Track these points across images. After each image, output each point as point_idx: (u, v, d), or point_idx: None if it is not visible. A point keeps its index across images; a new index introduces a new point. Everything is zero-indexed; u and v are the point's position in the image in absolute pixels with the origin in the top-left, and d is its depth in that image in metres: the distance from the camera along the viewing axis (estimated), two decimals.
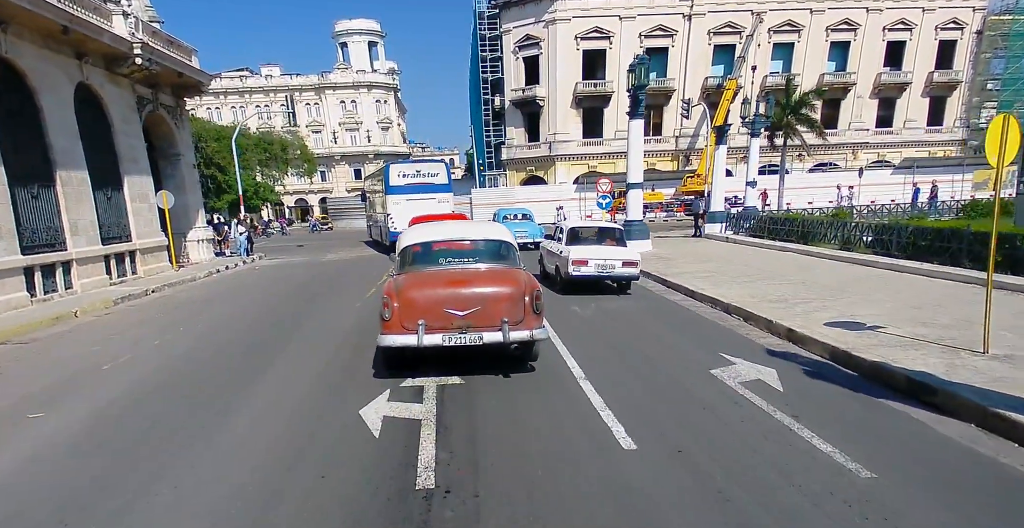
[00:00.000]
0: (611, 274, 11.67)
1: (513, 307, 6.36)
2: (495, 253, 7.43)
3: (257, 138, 62.62)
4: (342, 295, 13.11)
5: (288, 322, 10.35)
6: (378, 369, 6.98)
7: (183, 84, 21.27)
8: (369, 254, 24.24)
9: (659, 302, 11.17)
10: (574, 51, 48.28)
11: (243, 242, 23.79)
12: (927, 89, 53.56)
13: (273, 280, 17.07)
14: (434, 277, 6.80)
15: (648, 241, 18.50)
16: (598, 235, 12.85)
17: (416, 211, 21.21)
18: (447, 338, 6.21)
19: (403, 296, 6.40)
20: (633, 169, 18.05)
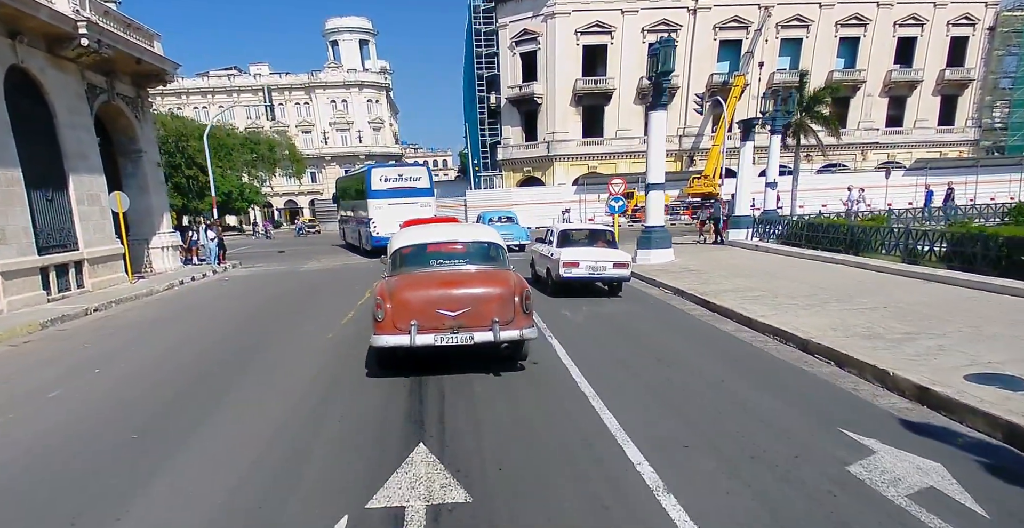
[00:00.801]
0: (602, 276, 11.69)
1: (503, 307, 6.45)
2: (485, 255, 7.52)
3: (243, 137, 60.33)
4: (313, 319, 10.80)
5: (232, 365, 8.01)
6: (333, 481, 4.59)
7: (143, 72, 18.90)
8: (353, 262, 21.93)
9: (694, 325, 8.97)
10: (574, 46, 46.17)
11: (213, 249, 21.42)
12: (938, 87, 51.76)
13: (238, 296, 14.73)
14: (426, 278, 6.89)
15: (670, 250, 16.30)
16: (589, 237, 12.79)
17: (398, 215, 20.91)
18: (439, 338, 6.30)
19: (396, 297, 6.46)
20: (654, 168, 15.84)
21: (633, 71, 46.44)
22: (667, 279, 13.01)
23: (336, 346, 8.56)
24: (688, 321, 9.66)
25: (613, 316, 10.17)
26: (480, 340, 6.35)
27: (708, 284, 12.09)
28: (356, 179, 26.89)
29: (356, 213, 26.30)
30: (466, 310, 6.37)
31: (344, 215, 30.89)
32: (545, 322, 9.46)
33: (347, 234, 30.18)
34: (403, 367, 6.90)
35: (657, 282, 12.97)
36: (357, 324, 9.78)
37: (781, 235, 17.78)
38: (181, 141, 47.30)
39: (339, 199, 31.91)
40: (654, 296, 12.09)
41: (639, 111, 48.01)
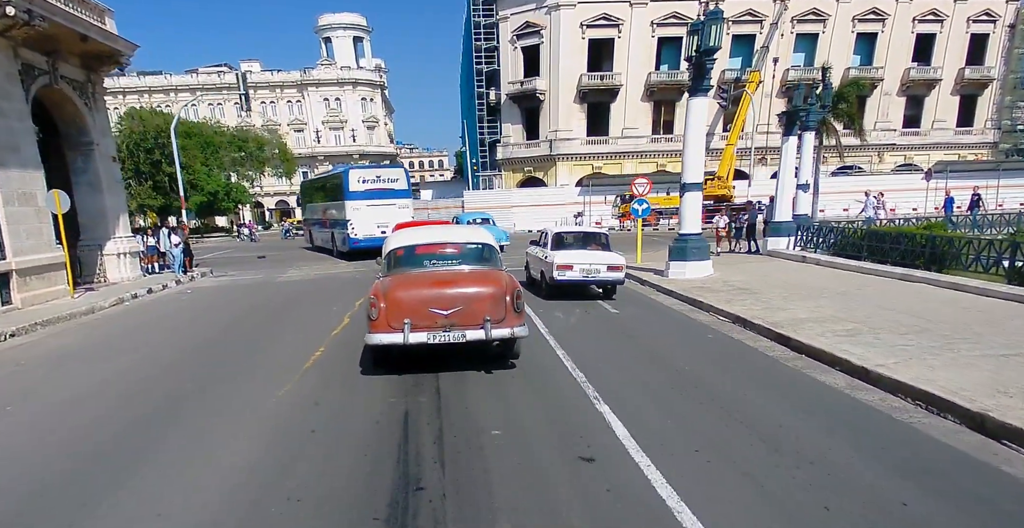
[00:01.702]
0: (596, 278, 11.63)
1: (495, 306, 6.56)
2: (478, 255, 7.64)
3: (231, 135, 57.93)
4: (268, 359, 8.25)
5: (143, 433, 5.51)
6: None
7: (93, 52, 16.35)
8: (337, 272, 19.40)
9: (784, 377, 6.48)
10: (579, 40, 43.74)
11: (178, 256, 18.84)
12: (957, 87, 49.54)
13: (191, 318, 12.16)
14: (419, 278, 7.01)
15: (709, 262, 13.85)
16: (583, 240, 12.71)
17: (376, 217, 21.98)
18: (432, 336, 6.42)
19: (389, 296, 6.56)
20: (692, 165, 13.39)
21: (641, 66, 44.06)
22: (716, 300, 10.55)
23: (285, 411, 6.01)
24: (771, 368, 7.14)
25: (667, 360, 7.63)
26: (472, 338, 6.48)
27: (773, 309, 9.61)
28: (329, 180, 26.32)
29: (328, 215, 25.63)
30: (458, 309, 6.47)
31: (312, 217, 29.81)
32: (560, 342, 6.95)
33: (316, 237, 29.18)
34: (399, 366, 6.95)
35: (705, 305, 10.49)
36: (322, 373, 7.26)
37: (834, 245, 15.30)
38: (161, 137, 44.72)
39: (305, 201, 31.06)
40: (703, 323, 9.62)
41: (647, 109, 45.67)
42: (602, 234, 13.17)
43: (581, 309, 10.92)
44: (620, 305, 11.16)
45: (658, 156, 46.20)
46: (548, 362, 7.44)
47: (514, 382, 6.64)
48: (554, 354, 7.79)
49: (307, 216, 31.60)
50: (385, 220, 22.50)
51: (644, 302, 11.66)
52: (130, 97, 72.82)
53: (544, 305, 11.36)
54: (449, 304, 6.49)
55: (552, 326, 9.43)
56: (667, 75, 44.65)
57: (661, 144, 46.22)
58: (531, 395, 6.21)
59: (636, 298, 12.12)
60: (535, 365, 7.26)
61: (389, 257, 7.63)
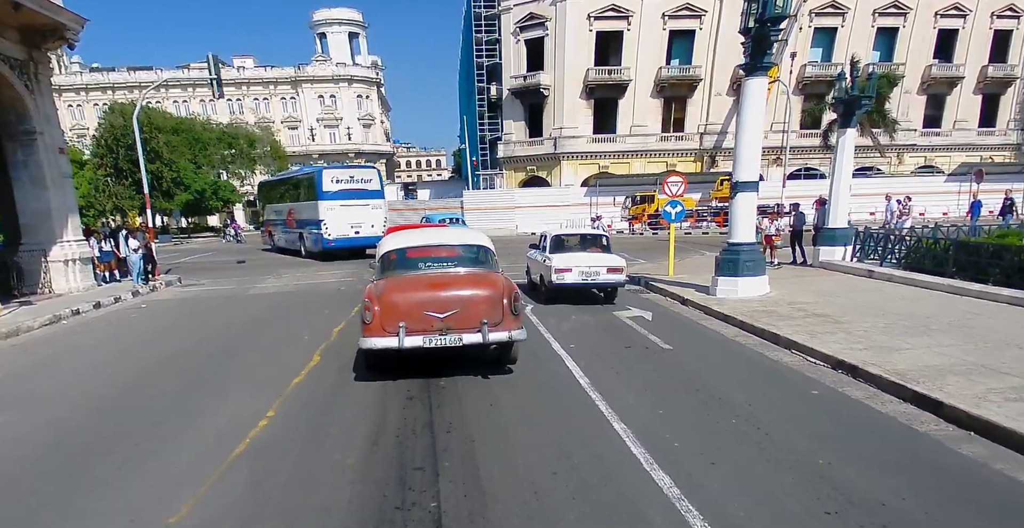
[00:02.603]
0: (596, 281, 11.42)
1: (492, 309, 6.49)
2: (474, 258, 7.52)
3: (220, 131, 55.57)
4: (216, 414, 5.87)
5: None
6: None
7: (33, 26, 13.93)
8: (319, 281, 16.93)
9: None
10: (586, 32, 41.39)
11: (136, 263, 16.38)
12: (979, 85, 47.36)
13: (130, 346, 9.68)
14: (414, 281, 6.92)
15: (764, 278, 11.46)
16: (582, 242, 12.63)
17: (350, 217, 22.33)
18: (428, 340, 6.33)
19: (384, 299, 6.48)
20: (747, 159, 11.03)
21: (651, 61, 41.72)
22: (794, 332, 8.20)
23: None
24: (940, 460, 4.73)
25: (769, 439, 5.26)
26: (468, 342, 6.38)
27: (880, 349, 7.25)
28: (299, 180, 25.85)
29: (296, 215, 25.20)
30: (454, 312, 6.38)
31: (275, 218, 28.86)
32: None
33: (279, 238, 28.25)
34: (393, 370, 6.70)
35: (783, 339, 8.11)
36: (294, 416, 4.89)
37: (905, 257, 12.92)
38: (143, 132, 42.15)
39: (266, 202, 30.32)
40: (791, 367, 7.24)
41: (656, 105, 43.34)
42: (602, 236, 12.88)
43: (615, 337, 8.60)
44: (668, 335, 8.80)
45: (668, 155, 43.87)
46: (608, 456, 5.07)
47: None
48: (608, 427, 5.41)
49: (268, 217, 30.45)
50: (359, 221, 22.81)
51: (696, 331, 9.28)
52: (119, 93, 70.37)
53: (557, 324, 9.32)
54: (445, 307, 6.41)
55: (585, 362, 7.10)
56: (678, 70, 42.36)
57: (671, 143, 43.91)
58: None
59: (684, 325, 9.74)
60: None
61: (383, 260, 7.49)
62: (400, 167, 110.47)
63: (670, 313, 10.63)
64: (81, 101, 75.46)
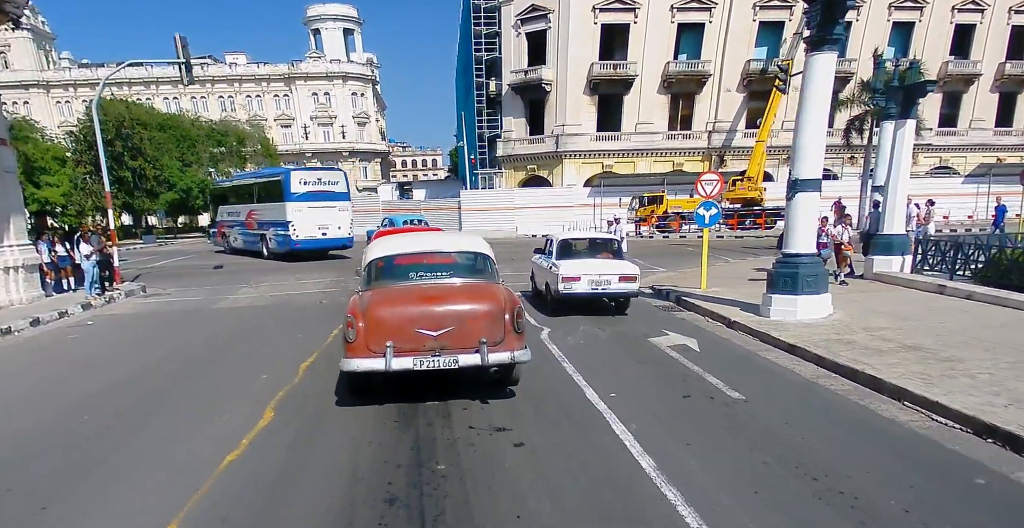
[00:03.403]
0: (607, 291, 10.47)
1: (492, 326, 5.82)
2: (471, 266, 6.86)
3: (209, 128, 53.53)
4: (133, 488, 3.89)
5: None
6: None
7: None
8: (300, 292, 14.90)
9: None
10: (590, 25, 39.52)
11: (89, 271, 14.34)
12: (997, 83, 45.66)
13: (50, 380, 7.68)
14: (404, 293, 6.24)
15: (827, 296, 9.51)
16: (591, 248, 11.64)
17: (317, 219, 22.62)
18: (419, 362, 5.65)
19: (369, 315, 5.80)
20: (810, 151, 9.12)
21: (659, 55, 39.86)
22: (899, 376, 6.30)
23: None
24: None
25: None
26: (465, 363, 5.70)
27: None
28: (262, 182, 25.72)
29: (259, 216, 25.08)
30: (450, 329, 5.70)
31: (232, 219, 28.25)
32: None
33: (235, 239, 27.71)
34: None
35: (887, 385, 6.15)
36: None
37: (986, 268, 11.00)
38: (124, 127, 40.10)
39: (220, 203, 29.84)
40: (920, 433, 5.30)
41: (663, 102, 41.48)
42: (613, 240, 12.05)
43: (663, 377, 6.67)
44: (728, 374, 6.86)
45: (675, 154, 42.01)
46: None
47: None
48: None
49: (221, 218, 29.73)
50: (326, 222, 23.03)
51: (761, 368, 7.31)
52: (109, 88, 68.26)
53: (579, 352, 7.27)
54: (439, 324, 5.70)
55: (638, 424, 5.15)
56: (686, 65, 40.51)
57: (678, 141, 42.03)
58: None
59: (743, 359, 7.75)
60: None
61: (369, 269, 6.75)
62: (395, 166, 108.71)
63: (719, 340, 8.67)
64: (70, 97, 73.53)
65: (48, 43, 78.29)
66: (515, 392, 6.28)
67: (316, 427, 5.51)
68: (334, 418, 5.73)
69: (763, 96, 39.80)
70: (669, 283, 13.77)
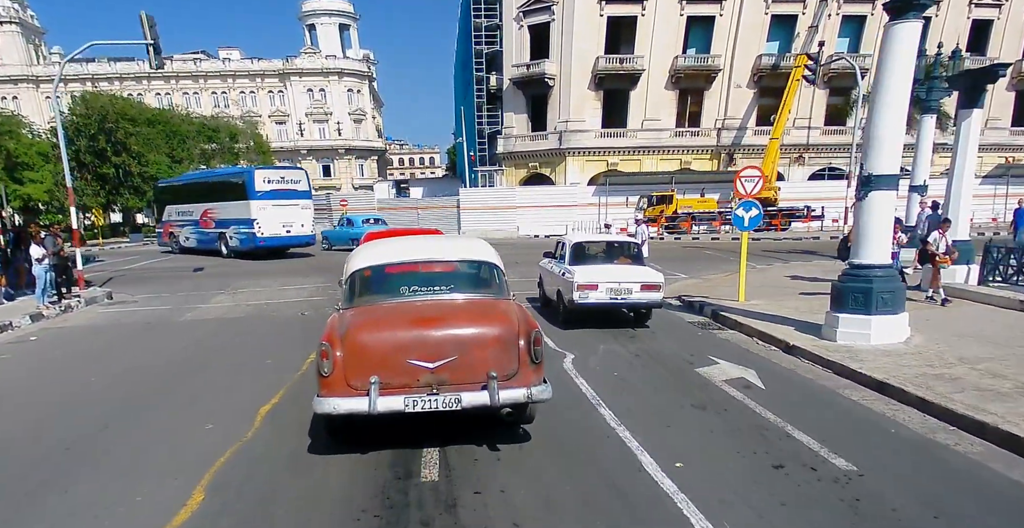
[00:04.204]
0: (627, 301, 9.39)
1: (503, 355, 4.71)
2: (476, 279, 5.77)
3: (200, 124, 51.86)
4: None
5: None
6: None
7: None
8: (283, 301, 13.24)
9: None
10: (596, 17, 37.83)
11: (42, 277, 12.67)
12: (1013, 81, 44.09)
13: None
14: (393, 314, 5.09)
15: (904, 316, 7.90)
16: (608, 252, 10.52)
17: (281, 216, 22.96)
18: (412, 401, 4.51)
19: (350, 341, 4.67)
20: (885, 141, 7.54)
21: (667, 49, 38.19)
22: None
23: None
24: None
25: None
26: (471, 403, 4.55)
27: None
28: (222, 181, 25.78)
29: (217, 215, 24.99)
30: (451, 360, 4.60)
31: (183, 219, 27.68)
32: None
33: (186, 238, 27.37)
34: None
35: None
36: None
37: None
38: (108, 122, 38.38)
39: (173, 202, 28.76)
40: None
41: (671, 98, 39.86)
42: (632, 244, 11.00)
43: (732, 429, 5.09)
44: (813, 424, 5.30)
45: (682, 152, 40.40)
46: None
47: None
48: None
49: (170, 218, 28.88)
50: (290, 220, 23.37)
51: (849, 415, 5.68)
52: (101, 84, 66.56)
53: (609, 385, 6.03)
54: (436, 353, 4.59)
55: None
56: (695, 59, 38.88)
57: (686, 139, 40.41)
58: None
59: (823, 401, 6.10)
60: None
61: (352, 281, 5.50)
62: (392, 164, 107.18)
63: (782, 372, 7.07)
64: (60, 93, 71.82)
65: (38, 37, 76.54)
66: (530, 434, 5.16)
67: (261, 517, 3.88)
68: (290, 498, 4.12)
69: (775, 92, 38.26)
70: (697, 293, 12.21)
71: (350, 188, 65.76)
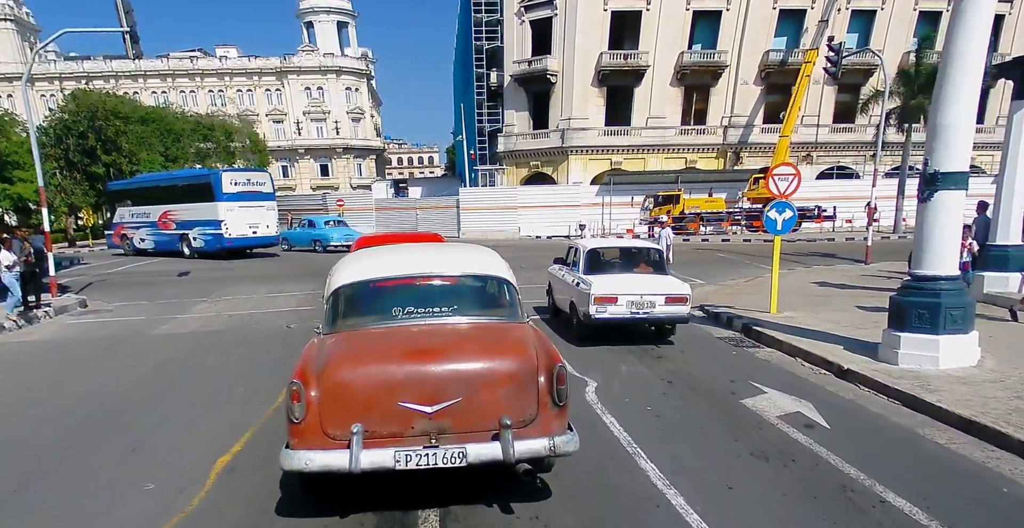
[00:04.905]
0: (650, 316, 8.38)
1: (519, 396, 3.79)
2: (484, 298, 4.82)
3: (195, 122, 50.75)
4: None
5: None
6: None
7: None
8: (272, 310, 12.19)
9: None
10: (600, 12, 36.78)
11: (11, 281, 11.59)
12: None
13: None
14: (383, 343, 4.15)
15: (975, 335, 6.85)
16: (627, 259, 9.53)
17: (247, 218, 23.62)
18: (405, 456, 3.59)
19: (328, 379, 3.75)
20: (954, 131, 6.54)
21: (672, 45, 37.15)
22: None
23: None
24: None
25: None
26: (479, 458, 3.63)
27: None
28: (186, 183, 25.88)
29: (179, 217, 25.29)
30: (453, 402, 3.67)
31: (139, 221, 27.60)
32: None
33: (141, 240, 27.37)
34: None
35: None
36: None
37: None
38: (98, 120, 37.25)
39: (131, 203, 28.39)
40: None
41: (676, 95, 38.83)
42: (653, 250, 9.84)
43: (834, 508, 4.04)
44: (913, 485, 4.27)
45: (688, 150, 39.36)
46: None
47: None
48: None
49: (124, 220, 28.53)
50: (256, 221, 24.13)
51: (942, 464, 4.64)
52: (96, 83, 65.53)
53: (648, 427, 4.86)
54: (436, 394, 3.67)
55: None
56: (701, 55, 37.84)
57: (691, 137, 39.37)
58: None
59: (898, 441, 5.06)
60: None
61: (334, 300, 4.58)
62: (391, 164, 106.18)
63: (843, 404, 6.00)
64: (55, 91, 70.61)
65: (33, 35, 75.46)
66: (550, 488, 4.21)
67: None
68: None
69: (783, 89, 37.29)
70: (720, 302, 11.17)
71: (348, 188, 64.79)
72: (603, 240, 16.10)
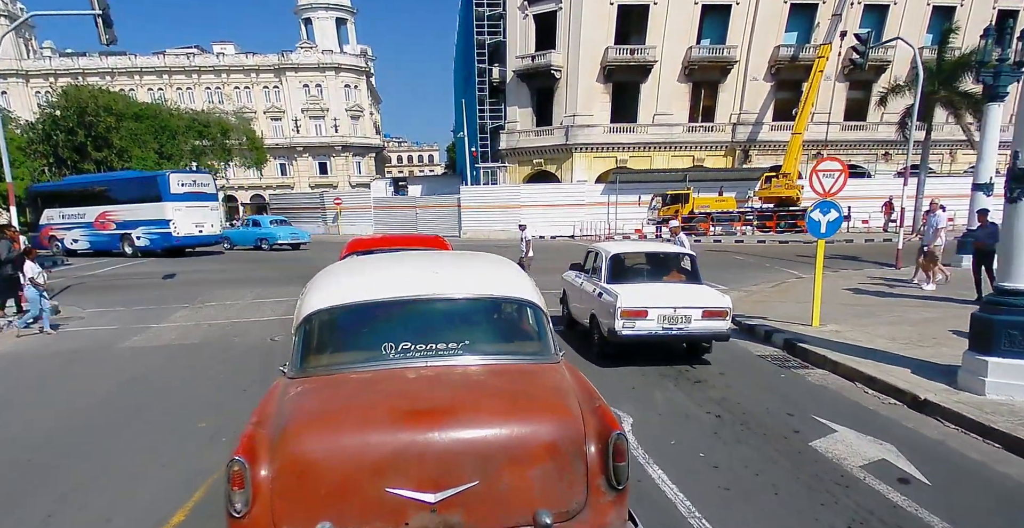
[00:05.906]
0: (684, 332, 7.28)
1: (560, 477, 2.68)
2: (504, 329, 3.76)
3: (190, 119, 49.70)
4: None
5: None
6: None
7: None
8: (250, 319, 11.14)
9: None
10: (606, 5, 35.84)
11: (34, 297, 10.48)
12: None
13: None
14: (366, 396, 2.99)
15: None
16: (654, 265, 8.40)
17: (193, 217, 24.69)
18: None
19: (286, 452, 2.65)
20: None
21: (680, 39, 36.16)
22: None
23: None
24: None
25: None
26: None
27: None
28: (129, 183, 26.30)
29: (120, 217, 25.85)
30: (467, 488, 2.57)
31: (69, 222, 27.76)
32: None
33: (74, 241, 27.56)
34: None
35: None
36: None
37: None
38: (87, 115, 36.17)
39: (50, 205, 28.54)
40: None
41: (684, 91, 37.82)
42: (685, 255, 8.51)
43: None
44: None
45: (695, 148, 38.38)
46: None
47: None
48: None
49: (53, 221, 28.30)
50: (202, 220, 25.17)
51: None
52: (91, 79, 64.48)
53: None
54: (440, 475, 2.57)
55: None
56: (709, 51, 36.83)
57: (699, 134, 38.36)
58: None
59: (1005, 498, 4.08)
60: None
61: (305, 331, 3.35)
62: (390, 162, 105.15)
63: (932, 447, 4.94)
64: (50, 87, 69.68)
65: (28, 31, 74.49)
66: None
67: None
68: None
69: (793, 85, 36.31)
70: (751, 311, 10.13)
71: (347, 186, 63.84)
72: (628, 243, 14.83)
